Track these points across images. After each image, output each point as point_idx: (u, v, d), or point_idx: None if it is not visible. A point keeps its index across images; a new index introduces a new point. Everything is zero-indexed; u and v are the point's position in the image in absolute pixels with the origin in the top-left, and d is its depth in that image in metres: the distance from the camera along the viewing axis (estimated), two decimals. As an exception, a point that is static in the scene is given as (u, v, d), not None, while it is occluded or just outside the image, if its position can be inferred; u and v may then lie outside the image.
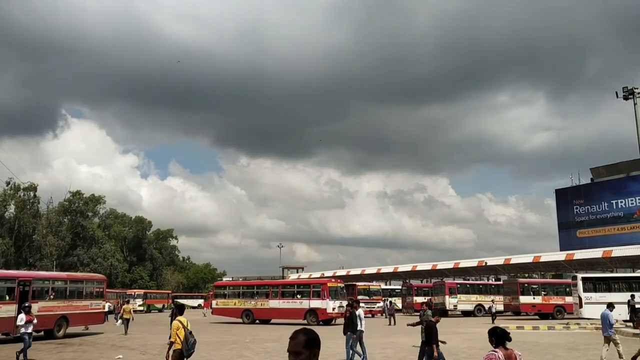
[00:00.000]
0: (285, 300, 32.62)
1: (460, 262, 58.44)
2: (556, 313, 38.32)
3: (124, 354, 16.82)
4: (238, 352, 17.56)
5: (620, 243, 48.39)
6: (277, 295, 33.13)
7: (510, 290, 40.06)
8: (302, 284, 35.64)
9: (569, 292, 38.94)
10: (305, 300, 31.85)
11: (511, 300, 39.24)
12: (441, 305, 44.23)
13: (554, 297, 39.09)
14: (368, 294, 42.32)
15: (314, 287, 32.76)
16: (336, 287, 32.68)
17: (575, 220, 57.20)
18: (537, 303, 38.59)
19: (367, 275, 66.38)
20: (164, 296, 71.70)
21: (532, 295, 38.62)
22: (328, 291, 31.24)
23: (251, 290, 35.77)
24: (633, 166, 48.63)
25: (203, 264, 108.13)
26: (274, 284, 35.86)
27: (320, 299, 31.05)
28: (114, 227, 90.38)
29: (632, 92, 28.55)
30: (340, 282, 35.44)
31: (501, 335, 5.40)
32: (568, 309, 38.02)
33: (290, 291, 33.72)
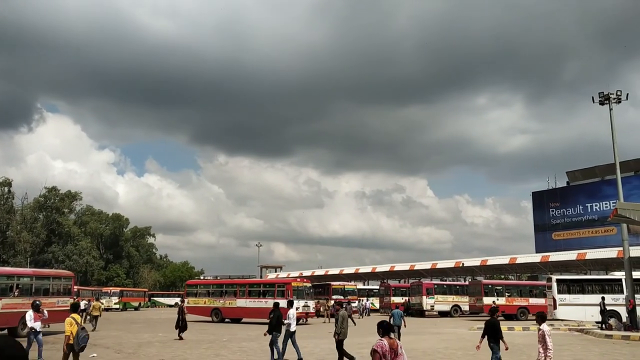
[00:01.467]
0: (251, 300, 32.57)
1: (437, 262, 58.87)
2: (520, 314, 38.67)
3: (99, 353, 16.62)
4: (215, 351, 17.46)
5: (594, 246, 49.21)
6: (245, 295, 33.07)
7: (474, 292, 40.37)
8: (267, 284, 35.57)
9: (533, 293, 39.49)
10: (270, 299, 31.83)
11: (475, 301, 39.54)
12: (418, 306, 44.57)
13: (518, 299, 39.47)
14: (343, 294, 42.26)
15: (279, 287, 32.74)
16: (301, 287, 32.61)
17: (551, 223, 58.04)
18: (500, 304, 38.68)
19: (346, 275, 66.51)
20: (140, 294, 71.06)
21: (495, 297, 38.97)
22: (292, 291, 31.20)
23: (220, 289, 35.94)
24: (608, 170, 49.42)
25: (180, 263, 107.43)
26: (241, 283, 35.93)
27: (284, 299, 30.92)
28: (91, 224, 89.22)
29: (608, 97, 28.91)
30: (307, 281, 35.30)
31: (387, 327, 6.64)
32: (531, 310, 38.48)
33: (257, 290, 33.72)
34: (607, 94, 28.99)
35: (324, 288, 44.29)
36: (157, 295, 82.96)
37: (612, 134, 28.89)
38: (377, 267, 67.09)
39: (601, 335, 23.76)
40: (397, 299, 48.52)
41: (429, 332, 26.72)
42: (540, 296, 39.31)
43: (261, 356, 16.14)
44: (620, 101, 29.04)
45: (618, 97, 28.97)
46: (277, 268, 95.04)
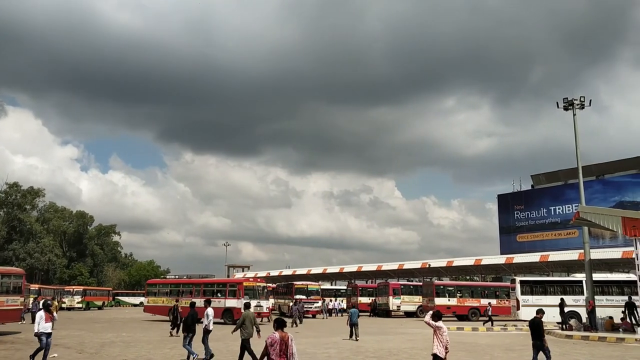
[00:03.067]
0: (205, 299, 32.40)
1: (404, 263, 59.39)
2: (471, 315, 39.09)
3: (60, 353, 16.24)
4: (179, 351, 17.22)
5: (556, 248, 50.34)
6: (200, 294, 32.61)
7: (427, 292, 40.78)
8: (220, 283, 35.17)
9: (485, 294, 40.09)
10: (223, 299, 31.69)
11: (428, 302, 39.95)
12: (385, 306, 44.83)
13: (469, 300, 39.93)
14: (306, 293, 42.14)
15: (231, 286, 32.51)
16: (254, 287, 32.38)
17: (515, 225, 59.11)
18: (452, 305, 39.25)
19: (313, 275, 66.56)
20: (104, 293, 69.75)
21: (447, 297, 39.40)
22: (243, 290, 30.98)
23: (177, 289, 35.61)
24: (571, 174, 50.57)
25: (146, 261, 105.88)
26: (197, 283, 35.64)
27: (236, 299, 30.75)
28: (54, 222, 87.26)
29: (572, 103, 29.55)
30: (261, 281, 34.99)
31: (280, 322, 7.61)
32: (483, 311, 39.00)
33: (211, 290, 33.44)
34: (571, 99, 29.63)
35: (287, 288, 44.18)
36: (121, 294, 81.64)
37: (575, 139, 29.54)
38: (344, 267, 67.35)
39: (562, 336, 24.29)
40: (364, 299, 48.77)
41: (395, 332, 26.91)
42: (491, 297, 39.98)
43: (227, 356, 16.01)
44: (584, 107, 29.72)
45: (582, 103, 29.65)
46: (245, 268, 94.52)
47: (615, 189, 51.90)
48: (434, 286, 40.06)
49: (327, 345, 19.52)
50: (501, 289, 42.12)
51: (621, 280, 33.86)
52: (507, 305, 39.50)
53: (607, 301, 30.05)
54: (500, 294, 40.75)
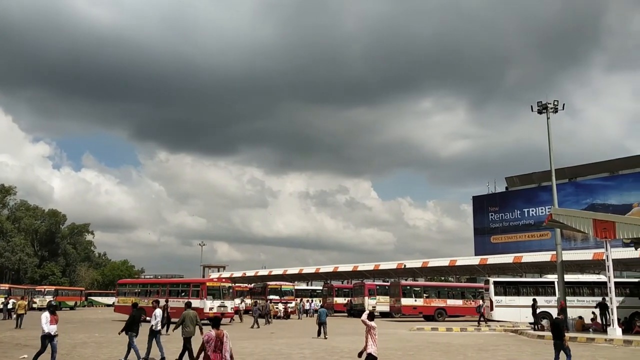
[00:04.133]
0: (171, 300, 32.18)
1: (380, 264, 59.64)
2: (437, 315, 39.27)
3: (30, 354, 15.93)
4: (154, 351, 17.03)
5: (530, 249, 51.05)
6: (166, 294, 32.43)
7: (394, 293, 40.95)
8: (184, 283, 35.00)
9: (451, 294, 40.43)
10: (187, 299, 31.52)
11: (395, 302, 40.09)
12: (360, 307, 44.93)
13: (436, 300, 40.18)
14: (279, 294, 42.00)
15: (194, 287, 32.24)
16: (218, 287, 32.13)
17: (489, 227, 59.80)
18: (418, 305, 39.54)
19: (289, 276, 66.45)
20: (76, 293, 68.67)
21: (413, 298, 39.65)
22: (206, 290, 30.79)
23: (145, 289, 35.48)
24: (544, 177, 51.33)
25: (120, 261, 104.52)
26: (163, 283, 35.49)
27: (199, 299, 30.43)
28: (25, 220, 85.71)
29: (546, 106, 29.99)
30: (227, 281, 34.73)
31: (216, 321, 8.58)
32: (449, 311, 39.40)
33: (176, 290, 33.28)
34: (545, 103, 30.07)
35: (262, 288, 44.04)
36: (94, 294, 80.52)
37: (549, 142, 29.97)
38: (320, 267, 67.38)
39: (534, 336, 24.61)
40: (340, 299, 48.84)
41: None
42: (458, 297, 40.35)
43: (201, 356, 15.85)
44: (557, 111, 30.19)
45: (555, 106, 30.10)
46: (220, 268, 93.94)
47: (587, 192, 52.84)
48: (400, 286, 40.23)
49: (302, 345, 19.50)
50: (467, 289, 42.49)
51: (592, 282, 34.44)
52: (472, 306, 39.86)
53: (577, 302, 30.54)
54: (467, 295, 41.05)
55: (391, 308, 41.52)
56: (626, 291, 31.85)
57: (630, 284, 33.54)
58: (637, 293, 31.90)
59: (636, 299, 31.19)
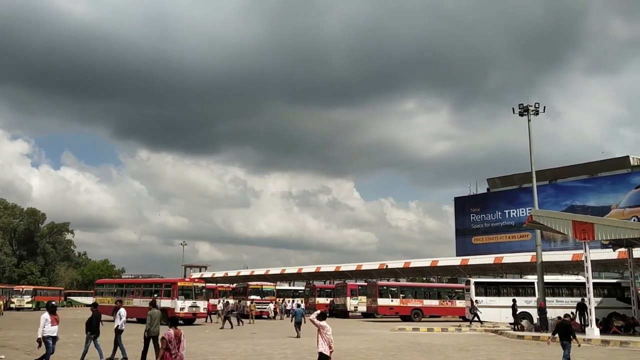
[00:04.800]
0: (144, 299, 31.82)
1: (362, 264, 59.74)
2: (414, 316, 39.32)
3: (7, 354, 15.73)
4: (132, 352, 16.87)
5: (510, 250, 51.51)
6: (140, 294, 32.48)
7: (370, 293, 41.02)
8: (156, 283, 34.86)
9: (427, 295, 40.60)
10: (159, 299, 31.41)
11: (371, 302, 40.15)
12: (342, 307, 45.02)
13: (412, 300, 40.23)
14: (260, 294, 41.88)
15: (166, 286, 32.06)
16: (189, 287, 31.97)
17: (471, 228, 60.25)
18: (394, 305, 39.53)
19: (271, 276, 66.28)
20: (55, 293, 67.73)
21: (390, 298, 39.70)
22: (177, 290, 30.62)
23: (121, 289, 35.50)
24: (525, 179, 51.82)
25: (100, 261, 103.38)
26: (137, 283, 35.47)
27: (170, 299, 30.29)
28: (3, 219, 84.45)
29: (527, 109, 30.33)
30: (200, 281, 34.55)
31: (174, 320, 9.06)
32: (425, 311, 39.51)
33: (149, 290, 33.19)
34: (526, 105, 30.41)
35: (244, 288, 43.91)
36: (74, 294, 79.59)
37: (529, 144, 30.31)
38: (303, 268, 67.30)
39: (514, 336, 24.84)
40: (323, 299, 48.84)
41: (351, 332, 27.04)
42: (434, 298, 40.43)
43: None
44: (538, 113, 30.54)
45: (536, 109, 30.45)
46: (202, 268, 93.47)
47: (566, 194, 53.49)
48: (377, 287, 40.25)
49: (283, 345, 19.47)
50: (444, 289, 42.67)
51: (571, 282, 34.92)
52: (449, 306, 40.00)
53: (557, 302, 30.91)
54: (443, 295, 41.19)
55: (368, 308, 41.52)
56: (604, 292, 32.34)
57: (608, 285, 34.05)
58: (614, 294, 32.41)
59: (614, 299, 31.68)
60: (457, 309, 40.24)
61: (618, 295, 32.20)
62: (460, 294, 40.27)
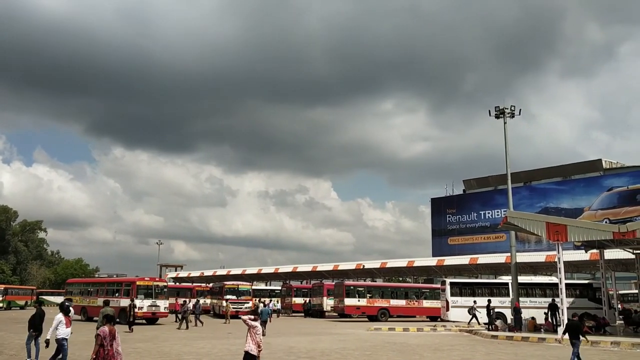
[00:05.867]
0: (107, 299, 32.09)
1: (339, 264, 59.86)
2: (380, 316, 39.34)
3: (-25, 355, 15.38)
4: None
5: (485, 251, 52.08)
6: (104, 294, 32.42)
7: (337, 293, 41.07)
8: (116, 282, 34.67)
9: (394, 295, 40.76)
10: (119, 299, 31.16)
11: (338, 302, 40.21)
12: (319, 307, 45.00)
13: (379, 300, 40.25)
14: (236, 294, 41.69)
15: (126, 286, 32.04)
16: (149, 286, 31.81)
17: (447, 228, 60.78)
18: (361, 305, 39.56)
19: (248, 276, 66.07)
20: (27, 292, 66.54)
21: (357, 298, 39.75)
22: (136, 289, 30.58)
23: (87, 288, 35.56)
24: (500, 180, 52.42)
25: (74, 259, 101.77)
26: (101, 282, 35.35)
27: (129, 298, 29.85)
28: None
29: (503, 111, 30.70)
30: (162, 280, 34.29)
31: (109, 318, 9.28)
32: (392, 311, 39.56)
33: (112, 289, 33.14)
34: (502, 108, 30.75)
35: (219, 288, 43.67)
36: (46, 293, 78.17)
37: (505, 146, 30.65)
38: (279, 267, 67.21)
39: (488, 336, 25.10)
40: (299, 299, 48.80)
41: (327, 332, 27.05)
42: (401, 298, 40.53)
43: (156, 356, 15.61)
44: (514, 116, 30.92)
45: (512, 111, 30.82)
46: (178, 267, 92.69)
47: (541, 196, 54.28)
48: (344, 287, 40.19)
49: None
50: (411, 289, 42.80)
51: (544, 283, 35.47)
52: (416, 306, 40.15)
53: (530, 303, 31.35)
54: (410, 295, 41.30)
55: (335, 308, 41.43)
56: (576, 292, 32.95)
57: (580, 286, 34.68)
58: (586, 294, 33.02)
59: (585, 299, 32.28)
60: (424, 309, 40.41)
61: (590, 295, 32.82)
62: (428, 294, 40.63)
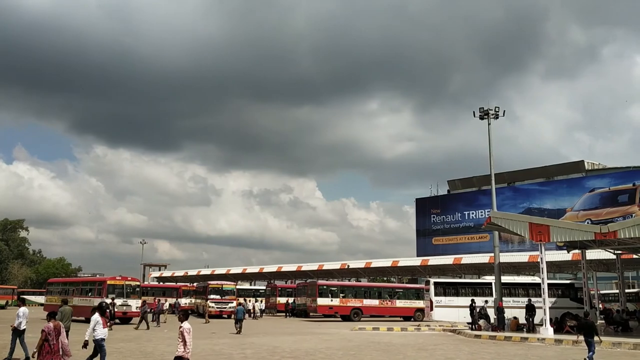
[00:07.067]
0: (81, 298, 32.07)
1: (324, 264, 59.87)
2: (353, 315, 39.26)
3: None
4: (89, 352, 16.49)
5: (469, 251, 52.47)
6: (80, 293, 32.60)
7: (310, 292, 40.97)
8: (88, 282, 34.77)
9: (367, 294, 40.82)
10: (91, 298, 31.16)
11: (311, 302, 40.22)
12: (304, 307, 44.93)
13: (352, 300, 40.15)
14: (220, 293, 41.49)
15: (98, 285, 31.95)
16: (122, 285, 31.63)
17: (431, 229, 61.14)
18: (334, 305, 39.47)
19: (233, 275, 65.86)
20: (7, 292, 65.75)
21: (330, 298, 39.70)
22: (107, 289, 30.48)
23: (65, 288, 35.65)
24: (484, 181, 52.88)
25: (56, 259, 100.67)
26: (77, 282, 35.70)
27: (99, 297, 29.67)
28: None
29: (487, 113, 30.91)
30: (134, 280, 34.03)
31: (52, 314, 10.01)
32: (365, 311, 39.52)
33: (85, 289, 33.20)
34: (487, 109, 30.95)
35: (203, 288, 43.50)
36: (27, 293, 77.22)
37: (489, 147, 30.85)
38: (264, 267, 67.06)
39: (471, 336, 25.25)
40: (284, 299, 48.71)
41: (312, 332, 27.04)
42: (375, 297, 40.41)
43: (139, 356, 15.48)
44: (498, 117, 31.12)
45: (496, 113, 31.03)
46: (162, 267, 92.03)
47: (524, 196, 54.82)
48: (317, 286, 40.05)
49: (243, 345, 19.33)
50: (384, 289, 42.77)
51: (527, 283, 35.79)
52: (389, 306, 40.17)
53: (513, 302, 31.59)
54: (384, 295, 41.29)
55: (308, 308, 41.29)
56: (558, 292, 33.30)
57: (562, 286, 35.05)
58: (568, 294, 33.38)
59: (567, 299, 32.64)
60: (397, 308, 40.39)
61: (571, 295, 33.20)
62: (401, 294, 40.74)
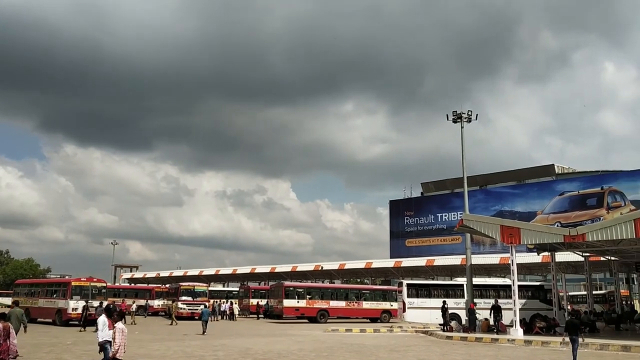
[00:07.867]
0: (46, 299, 31.77)
1: (298, 265, 59.84)
2: (320, 317, 39.12)
3: None
4: (57, 355, 16.24)
5: (442, 253, 52.98)
6: (45, 294, 32.22)
7: (277, 294, 40.91)
8: (53, 283, 34.62)
9: (334, 296, 40.89)
10: (56, 299, 30.93)
11: (277, 303, 40.16)
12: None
13: (319, 301, 39.98)
14: (192, 295, 41.11)
15: (63, 286, 31.63)
16: (87, 287, 31.24)
17: (405, 230, 61.58)
18: (300, 307, 39.31)
19: (206, 277, 65.42)
20: (-26, 293, 64.31)
21: (296, 299, 39.50)
22: (71, 290, 30.14)
23: (32, 289, 35.13)
24: (457, 184, 53.42)
25: (24, 259, 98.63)
26: (42, 283, 35.39)
27: (64, 299, 29.73)
28: None
29: (460, 116, 31.27)
30: (100, 281, 33.68)
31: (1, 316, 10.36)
32: (332, 313, 39.47)
33: (50, 290, 32.83)
34: (460, 113, 31.31)
35: (175, 289, 43.07)
36: (-6, 294, 75.58)
37: (462, 150, 31.21)
38: (237, 268, 66.80)
39: (443, 337, 25.50)
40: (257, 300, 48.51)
41: (285, 334, 27.00)
42: (342, 299, 40.39)
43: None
44: (471, 120, 31.50)
45: (469, 116, 31.41)
46: (134, 268, 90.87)
47: (496, 199, 55.56)
48: (283, 288, 39.91)
49: (215, 347, 19.20)
50: (351, 291, 42.88)
51: (497, 284, 36.28)
52: (355, 307, 40.25)
53: (485, 304, 31.94)
54: (350, 296, 41.36)
55: (274, 309, 41.13)
56: (528, 294, 33.82)
57: (532, 287, 35.62)
58: (537, 296, 33.94)
59: (537, 301, 33.18)
60: (363, 310, 40.33)
61: (541, 297, 33.74)
62: (367, 296, 40.81)
